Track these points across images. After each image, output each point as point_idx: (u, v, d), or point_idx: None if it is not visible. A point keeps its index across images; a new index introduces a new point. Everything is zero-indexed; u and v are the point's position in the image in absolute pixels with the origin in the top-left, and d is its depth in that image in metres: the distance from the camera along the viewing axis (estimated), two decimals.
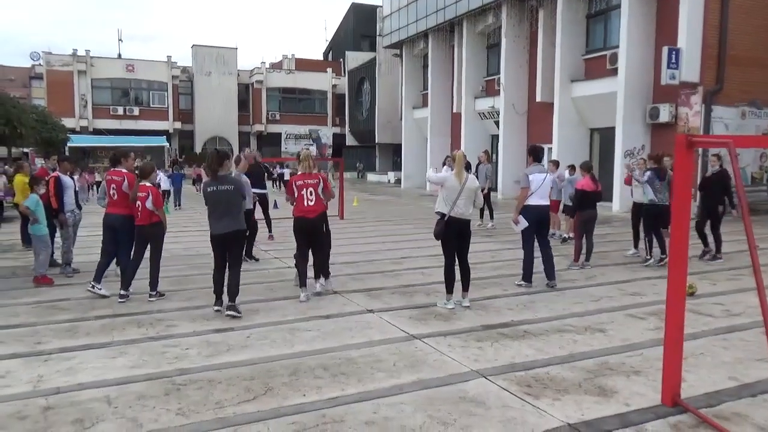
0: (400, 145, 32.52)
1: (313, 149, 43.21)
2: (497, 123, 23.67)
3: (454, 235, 6.42)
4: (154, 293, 6.91)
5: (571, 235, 10.83)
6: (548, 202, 7.59)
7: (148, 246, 7.02)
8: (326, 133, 46.81)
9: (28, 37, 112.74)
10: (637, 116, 17.20)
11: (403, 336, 5.48)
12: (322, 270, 7.20)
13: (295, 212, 6.87)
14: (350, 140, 45.57)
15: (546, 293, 7.20)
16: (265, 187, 11.64)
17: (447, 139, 28.13)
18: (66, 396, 4.11)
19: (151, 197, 6.80)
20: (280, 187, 26.27)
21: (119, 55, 44.69)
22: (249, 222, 9.69)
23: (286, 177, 26.97)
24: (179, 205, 20.05)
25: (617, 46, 17.56)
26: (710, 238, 9.40)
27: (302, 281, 6.88)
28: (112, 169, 7.35)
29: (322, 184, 6.83)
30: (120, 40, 60.69)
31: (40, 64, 43.43)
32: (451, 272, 6.50)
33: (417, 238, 12.00)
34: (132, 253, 7.06)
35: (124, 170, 7.25)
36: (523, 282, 7.51)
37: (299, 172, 6.99)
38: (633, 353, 4.95)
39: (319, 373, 4.53)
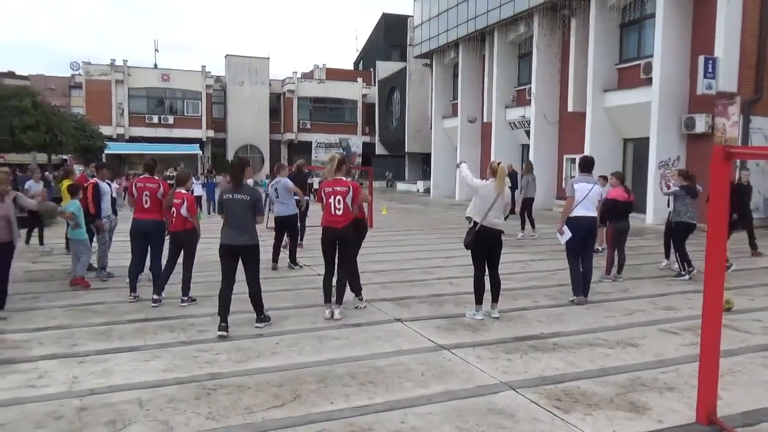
0: (430, 154, 32.52)
1: None
2: (528, 133, 23.49)
3: (484, 246, 6.37)
4: (186, 298, 7.03)
5: (604, 246, 10.73)
6: (594, 214, 7.30)
7: (181, 252, 7.15)
8: (356, 142, 47.08)
9: (69, 47, 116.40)
10: (672, 126, 16.89)
11: (432, 346, 5.46)
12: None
13: (321, 221, 6.50)
14: (380, 149, 45.75)
15: (577, 306, 7.08)
16: (307, 194, 11.93)
17: (477, 149, 28.01)
18: (100, 397, 4.20)
19: (185, 204, 6.93)
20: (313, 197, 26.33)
21: (155, 65, 45.74)
22: (294, 227, 9.80)
23: (315, 186, 27.18)
24: (211, 212, 20.35)
25: (651, 56, 17.29)
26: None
27: (327, 296, 6.53)
28: (143, 176, 7.51)
29: (351, 192, 6.37)
30: (156, 50, 62.40)
31: (79, 74, 44.74)
32: (481, 283, 6.45)
33: (446, 248, 11.96)
34: (164, 258, 7.21)
35: (157, 177, 7.43)
36: (575, 297, 7.23)
37: (328, 178, 6.54)
38: (667, 369, 4.84)
39: (347, 381, 4.54)
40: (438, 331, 5.91)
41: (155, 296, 6.98)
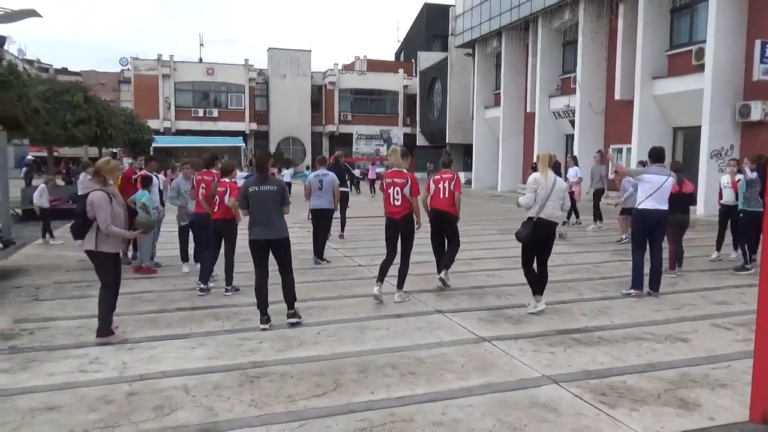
0: (471, 145, 32.22)
1: (383, 150, 43.40)
2: (572, 122, 23.00)
3: (539, 238, 6.19)
4: (229, 288, 7.17)
5: (624, 237, 11.02)
6: (665, 207, 6.91)
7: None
8: (397, 134, 47.04)
9: (119, 44, 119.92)
10: (726, 114, 16.23)
11: (473, 338, 5.41)
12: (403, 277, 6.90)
13: (385, 211, 6.88)
14: (421, 140, 45.56)
15: (623, 299, 6.90)
16: (346, 186, 11.92)
17: (520, 139, 27.62)
18: (148, 383, 4.32)
19: (229, 192, 7.03)
20: (356, 190, 26.21)
21: (200, 59, 46.70)
22: (327, 221, 9.81)
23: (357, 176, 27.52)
24: None
25: (704, 41, 16.65)
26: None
27: (381, 276, 6.70)
28: (203, 170, 7.84)
29: (410, 184, 6.61)
30: (201, 44, 63.82)
31: (128, 69, 46.11)
32: (532, 275, 6.35)
33: (487, 240, 11.84)
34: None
35: (215, 171, 7.66)
36: (632, 290, 7.03)
37: (391, 169, 6.85)
38: (718, 365, 4.67)
39: (388, 371, 4.54)
40: (479, 323, 5.86)
41: (202, 285, 7.14)
